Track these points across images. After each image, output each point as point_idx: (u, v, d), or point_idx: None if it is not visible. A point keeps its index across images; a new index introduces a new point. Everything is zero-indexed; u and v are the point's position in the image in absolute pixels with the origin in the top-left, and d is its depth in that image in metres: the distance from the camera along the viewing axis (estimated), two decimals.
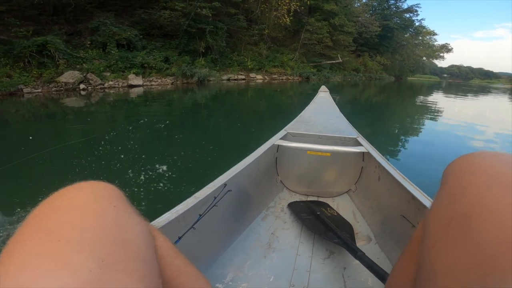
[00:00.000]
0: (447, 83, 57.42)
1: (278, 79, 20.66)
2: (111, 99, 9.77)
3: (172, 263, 0.50)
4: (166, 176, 3.06)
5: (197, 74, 13.87)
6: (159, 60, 14.00)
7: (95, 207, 0.38)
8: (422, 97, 16.93)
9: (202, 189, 1.14)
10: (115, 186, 0.47)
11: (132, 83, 12.43)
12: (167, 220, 0.89)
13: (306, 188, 1.93)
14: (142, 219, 0.45)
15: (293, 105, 10.19)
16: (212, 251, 1.20)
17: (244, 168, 1.40)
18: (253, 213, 1.57)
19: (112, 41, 13.22)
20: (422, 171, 3.56)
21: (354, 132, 2.05)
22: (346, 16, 29.01)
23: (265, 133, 3.77)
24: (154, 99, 10.10)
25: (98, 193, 0.42)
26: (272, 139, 1.84)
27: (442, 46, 72.38)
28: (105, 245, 0.34)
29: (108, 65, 12.71)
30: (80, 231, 0.34)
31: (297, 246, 1.37)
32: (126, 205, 0.44)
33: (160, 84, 13.42)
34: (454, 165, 0.43)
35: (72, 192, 0.41)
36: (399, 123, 7.92)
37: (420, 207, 1.07)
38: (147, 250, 0.39)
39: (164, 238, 0.52)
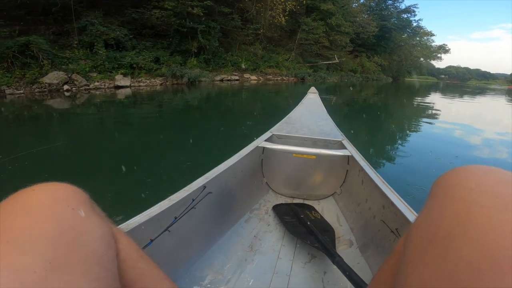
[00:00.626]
0: (444, 84, 57.65)
1: (273, 80, 20.21)
2: (95, 101, 9.37)
3: (136, 266, 0.50)
4: (140, 180, 2.89)
5: (187, 75, 13.41)
6: (149, 60, 13.61)
7: (49, 209, 0.39)
8: (420, 98, 16.70)
9: (178, 191, 1.09)
10: (78, 189, 0.47)
11: (119, 84, 12.01)
12: (138, 222, 0.86)
13: (292, 191, 1.90)
14: (104, 222, 0.45)
15: (287, 108, 9.74)
16: (190, 253, 1.16)
17: (226, 169, 1.37)
18: (236, 215, 1.54)
19: (99, 41, 12.83)
20: (409, 176, 3.40)
21: (339, 135, 2.02)
22: (343, 16, 28.70)
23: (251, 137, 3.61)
24: (140, 101, 9.69)
25: (55, 195, 0.42)
26: (257, 141, 1.80)
27: (439, 47, 72.67)
28: (55, 247, 0.34)
29: (94, 66, 12.33)
30: (29, 233, 0.34)
31: (278, 249, 1.36)
32: (87, 209, 0.44)
33: (149, 85, 12.98)
34: (444, 179, 0.41)
35: (28, 194, 0.41)
36: (394, 124, 7.73)
37: (398, 213, 1.04)
38: (104, 253, 0.40)
39: (128, 241, 0.52)
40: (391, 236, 1.07)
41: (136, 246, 0.54)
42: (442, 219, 0.35)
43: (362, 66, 37.04)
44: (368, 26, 35.33)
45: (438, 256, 0.32)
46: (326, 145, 1.93)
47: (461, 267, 0.29)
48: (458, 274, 0.28)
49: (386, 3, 43.85)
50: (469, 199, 0.34)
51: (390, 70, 47.14)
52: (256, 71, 19.85)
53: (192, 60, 15.37)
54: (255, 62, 20.09)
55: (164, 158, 3.75)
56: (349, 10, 32.44)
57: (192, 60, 15.40)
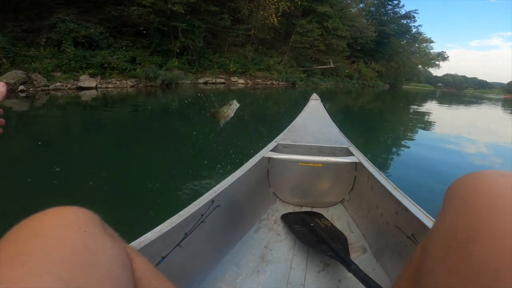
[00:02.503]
0: (441, 92, 57.97)
1: (262, 84, 18.89)
2: (47, 104, 8.25)
3: (151, 284, 0.50)
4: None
5: (161, 77, 12.11)
6: (123, 60, 12.37)
7: (62, 233, 0.39)
8: (417, 107, 16.29)
9: (187, 206, 1.09)
10: (89, 211, 0.47)
11: (82, 85, 10.76)
12: (149, 240, 0.85)
13: (299, 199, 1.87)
14: (117, 242, 0.46)
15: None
16: (202, 267, 1.16)
17: (233, 182, 1.35)
18: (245, 226, 1.52)
19: (68, 39, 11.69)
20: (415, 181, 3.49)
21: (345, 142, 2.01)
22: (341, 20, 27.56)
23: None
24: (98, 106, 8.47)
25: (67, 218, 0.43)
26: (263, 151, 1.77)
27: (438, 54, 72.62)
28: (71, 270, 0.34)
29: (59, 65, 11.17)
30: (44, 256, 0.35)
31: (290, 259, 1.35)
32: (98, 229, 0.44)
33: (118, 86, 11.72)
34: (458, 184, 0.41)
35: (40, 218, 0.42)
36: (392, 133, 7.67)
37: (413, 219, 1.04)
38: (120, 273, 0.40)
39: (142, 260, 0.52)
40: (407, 242, 1.05)
41: (150, 265, 0.54)
42: (459, 226, 0.35)
43: (359, 72, 36.14)
44: (366, 31, 34.40)
45: (457, 263, 0.32)
46: (332, 152, 1.91)
47: (482, 273, 0.28)
48: (480, 280, 0.28)
49: (386, 8, 43.13)
50: (485, 204, 0.34)
51: (387, 77, 46.58)
52: (245, 74, 18.56)
53: (173, 61, 14.11)
54: (244, 65, 18.77)
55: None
56: (347, 13, 31.32)
57: (173, 61, 14.14)
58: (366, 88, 33.50)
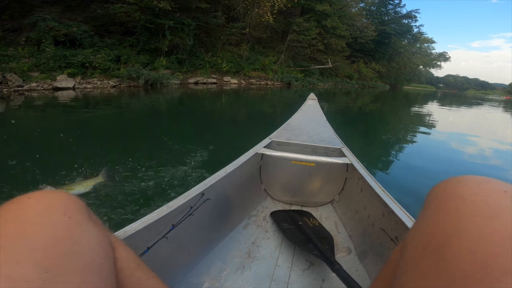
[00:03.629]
0: (442, 93, 57.23)
1: (256, 84, 18.10)
2: (17, 106, 7.49)
3: (133, 275, 0.48)
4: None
5: (144, 76, 11.38)
6: (107, 59, 11.66)
7: (45, 218, 0.38)
8: (417, 108, 15.75)
9: (176, 198, 1.05)
10: (74, 196, 0.46)
11: (59, 86, 10.04)
12: (135, 229, 0.83)
13: (290, 197, 1.87)
14: (101, 231, 0.44)
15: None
16: (187, 261, 1.13)
17: (225, 176, 1.33)
18: (234, 221, 1.51)
19: (48, 38, 11.02)
20: (406, 183, 3.42)
21: (339, 142, 2.00)
22: (340, 19, 26.76)
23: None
24: (71, 108, 7.73)
25: (51, 203, 0.41)
26: (256, 147, 1.76)
27: (439, 55, 71.75)
28: (51, 257, 0.33)
29: (37, 64, 10.48)
30: (23, 242, 0.33)
31: (276, 256, 1.33)
32: (83, 216, 0.43)
33: (99, 87, 10.97)
34: (438, 188, 0.42)
35: (23, 202, 0.40)
36: (389, 135, 7.37)
37: (398, 222, 1.03)
38: (102, 262, 0.39)
39: (126, 250, 0.51)
40: (390, 244, 1.05)
41: (134, 255, 0.52)
42: (435, 228, 0.36)
43: (359, 72, 35.44)
44: (366, 30, 33.66)
45: (432, 265, 0.32)
46: (325, 152, 1.90)
47: (456, 276, 0.29)
48: (453, 283, 0.29)
49: (387, 8, 42.36)
50: (461, 209, 0.35)
51: (388, 78, 45.96)
52: (239, 74, 17.80)
53: (161, 60, 13.39)
54: (238, 64, 18.01)
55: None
56: (347, 12, 30.53)
57: (161, 60, 13.42)
58: (366, 88, 32.79)
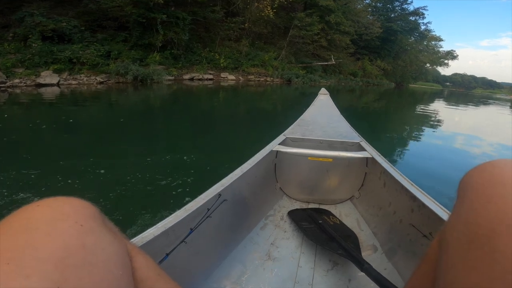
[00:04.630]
0: (449, 92, 56.08)
1: (254, 81, 17.48)
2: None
3: (153, 286, 0.45)
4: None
5: (132, 72, 10.86)
6: (96, 54, 11.17)
7: (55, 226, 0.35)
8: (424, 106, 15.31)
9: (193, 200, 1.02)
10: (87, 202, 0.42)
11: (42, 82, 9.59)
12: (153, 235, 0.80)
13: (307, 195, 1.81)
14: (118, 238, 0.41)
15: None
16: (206, 265, 1.10)
17: (241, 176, 1.29)
18: (251, 222, 1.46)
19: (34, 33, 10.63)
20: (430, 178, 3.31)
21: (356, 137, 1.94)
22: (344, 15, 25.97)
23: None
24: (47, 105, 7.25)
25: (62, 210, 0.38)
26: (271, 145, 1.70)
27: (447, 53, 70.22)
28: (63, 269, 0.30)
29: (21, 60, 10.08)
30: (33, 253, 0.30)
31: (298, 257, 1.29)
32: (97, 223, 0.40)
33: (84, 83, 10.49)
34: (472, 176, 0.39)
35: (31, 210, 0.37)
36: (399, 132, 7.28)
37: (431, 215, 0.99)
38: (119, 274, 0.36)
39: (145, 258, 0.47)
40: (423, 241, 1.00)
41: (153, 263, 0.49)
42: (479, 218, 0.33)
43: (363, 69, 34.58)
44: (372, 27, 32.80)
45: (483, 258, 0.30)
46: (343, 147, 1.85)
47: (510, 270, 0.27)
48: (508, 277, 0.27)
49: (394, 4, 41.31)
50: (505, 195, 0.33)
51: (393, 75, 44.97)
52: (237, 70, 17.22)
53: (154, 56, 12.88)
54: (237, 60, 17.42)
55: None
56: (352, 8, 29.69)
57: (154, 55, 12.90)
58: (370, 86, 31.88)
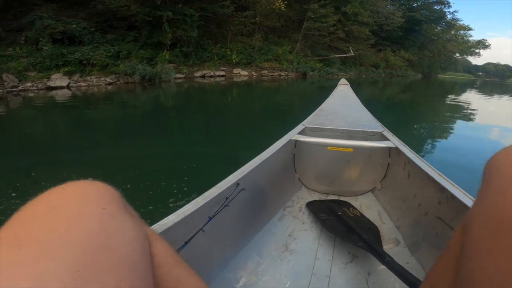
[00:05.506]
0: (482, 82, 52.78)
1: (268, 76, 16.95)
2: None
3: (171, 272, 0.45)
4: None
5: (139, 72, 10.74)
6: (106, 55, 11.19)
7: (79, 210, 0.35)
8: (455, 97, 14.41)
9: (211, 188, 1.00)
10: (110, 186, 0.42)
11: (52, 85, 9.62)
12: (172, 222, 0.80)
13: (326, 187, 1.76)
14: (138, 224, 0.41)
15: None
16: (223, 254, 1.09)
17: (259, 165, 1.26)
18: (268, 213, 1.44)
19: (44, 36, 10.75)
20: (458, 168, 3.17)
21: (379, 126, 1.89)
22: (362, 5, 24.93)
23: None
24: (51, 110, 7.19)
25: (85, 193, 0.38)
26: (289, 134, 1.66)
27: (478, 42, 66.33)
28: (84, 253, 0.30)
29: (33, 63, 10.21)
30: (53, 236, 0.30)
31: (316, 248, 1.27)
32: (119, 208, 0.39)
33: (94, 84, 10.46)
34: (498, 158, 0.37)
35: (56, 192, 0.37)
36: (426, 123, 6.89)
37: (460, 208, 0.95)
38: (139, 259, 0.36)
39: (163, 245, 0.47)
40: (451, 234, 0.91)
41: (172, 250, 0.48)
42: (508, 202, 0.31)
43: (386, 61, 33.20)
44: (392, 17, 31.40)
45: (510, 246, 0.29)
46: (364, 136, 1.78)
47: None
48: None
49: None
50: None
51: (420, 66, 43.03)
52: (251, 66, 16.80)
53: (164, 54, 12.77)
54: (250, 55, 17.03)
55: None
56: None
57: (164, 54, 12.80)
58: (394, 78, 30.50)
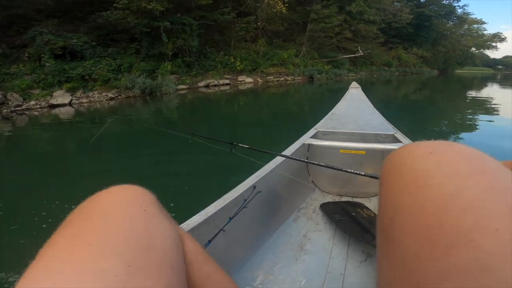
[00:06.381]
0: (503, 75, 50.57)
1: (273, 81, 16.50)
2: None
3: (201, 269, 0.48)
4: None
5: (138, 85, 10.52)
6: (108, 69, 11.11)
7: (125, 211, 0.39)
8: (475, 92, 13.98)
9: (231, 191, 1.07)
10: (147, 190, 0.46)
11: (54, 103, 9.51)
12: (196, 222, 0.86)
13: (339, 189, 1.78)
14: (172, 224, 0.45)
15: None
16: (241, 254, 1.13)
17: (274, 168, 1.34)
18: (284, 214, 1.48)
19: (46, 52, 10.69)
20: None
21: (391, 129, 1.93)
22: (366, 3, 24.35)
23: None
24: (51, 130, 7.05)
25: (129, 196, 0.42)
26: (302, 138, 1.76)
27: (493, 36, 64.10)
28: (133, 250, 0.33)
29: (36, 81, 10.17)
30: (108, 236, 0.34)
31: (330, 248, 1.28)
32: (157, 209, 0.43)
33: (95, 100, 10.27)
34: (387, 160, 0.38)
35: (104, 196, 0.41)
36: (446, 122, 6.78)
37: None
38: (175, 256, 0.39)
39: (193, 243, 0.50)
40: None
41: (201, 248, 0.52)
42: (385, 206, 0.33)
43: (398, 59, 32.30)
44: (400, 13, 30.68)
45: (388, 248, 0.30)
46: (376, 139, 1.83)
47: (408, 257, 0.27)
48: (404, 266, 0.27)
49: None
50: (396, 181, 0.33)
51: (435, 62, 41.84)
52: (256, 72, 16.46)
53: (166, 65, 12.62)
54: (254, 61, 16.68)
55: None
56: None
57: (165, 65, 12.65)
58: (408, 75, 29.58)
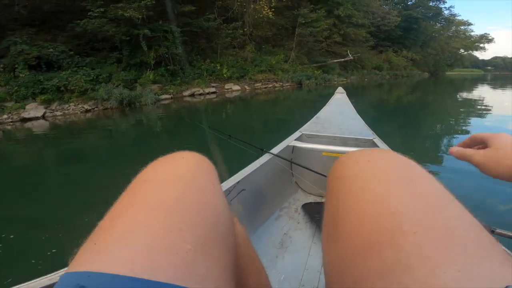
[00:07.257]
0: (492, 76, 51.01)
1: (261, 88, 15.99)
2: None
3: (244, 253, 0.46)
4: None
5: (114, 96, 9.92)
6: (87, 79, 10.49)
7: (198, 182, 0.36)
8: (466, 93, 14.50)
9: None
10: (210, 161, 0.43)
11: (26, 116, 8.89)
12: None
13: (321, 190, 1.85)
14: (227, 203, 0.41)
15: None
16: None
17: (259, 167, 1.38)
18: (266, 213, 1.55)
19: (19, 62, 10.06)
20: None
21: (370, 134, 2.00)
22: (354, 6, 24.25)
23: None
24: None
25: (200, 166, 0.40)
26: (287, 140, 1.83)
27: (481, 37, 65.09)
28: (203, 227, 0.31)
29: (9, 93, 9.55)
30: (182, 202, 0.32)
31: (309, 246, 1.35)
32: (219, 183, 0.41)
33: (70, 113, 9.64)
34: (332, 167, 0.41)
35: (174, 160, 0.39)
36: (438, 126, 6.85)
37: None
38: (231, 237, 0.37)
39: (241, 226, 0.48)
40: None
41: (245, 234, 0.50)
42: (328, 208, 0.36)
43: (389, 62, 32.26)
44: (388, 16, 30.72)
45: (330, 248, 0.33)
46: (356, 143, 1.90)
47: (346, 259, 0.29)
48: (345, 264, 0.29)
49: None
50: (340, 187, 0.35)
51: (425, 65, 42.20)
52: (244, 79, 15.97)
53: (148, 75, 12.06)
54: (242, 68, 16.20)
55: None
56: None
57: (147, 74, 12.09)
58: (399, 78, 29.51)
